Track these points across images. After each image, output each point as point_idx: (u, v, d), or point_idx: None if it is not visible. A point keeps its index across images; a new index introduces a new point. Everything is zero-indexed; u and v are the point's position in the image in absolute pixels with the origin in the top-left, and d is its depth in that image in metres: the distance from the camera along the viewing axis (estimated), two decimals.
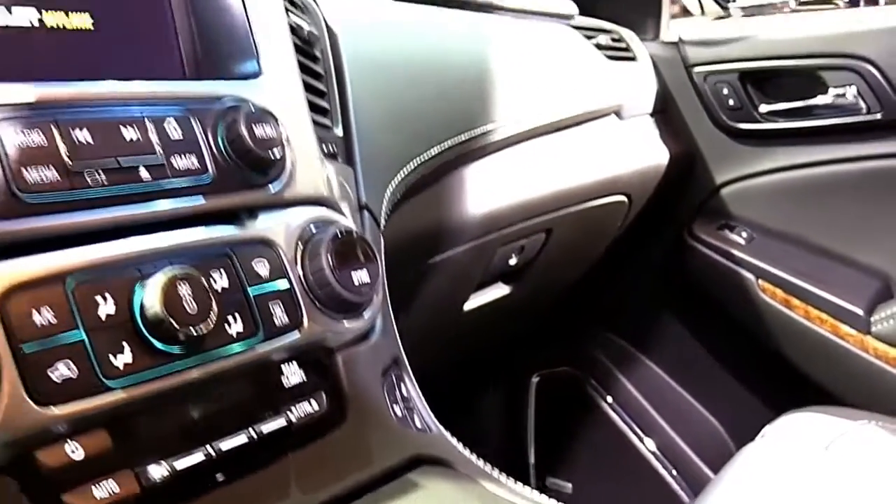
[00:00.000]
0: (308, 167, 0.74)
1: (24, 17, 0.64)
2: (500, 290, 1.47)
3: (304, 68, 0.84)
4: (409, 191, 1.02)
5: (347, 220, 0.76)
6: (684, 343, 1.89)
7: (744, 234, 1.67)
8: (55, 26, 0.66)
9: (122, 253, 0.59)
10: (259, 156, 0.67)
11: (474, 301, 1.41)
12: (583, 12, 1.67)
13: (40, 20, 0.65)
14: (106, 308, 0.57)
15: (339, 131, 0.89)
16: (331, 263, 0.70)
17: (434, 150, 1.05)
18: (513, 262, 1.40)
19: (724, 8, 1.89)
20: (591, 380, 1.98)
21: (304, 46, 0.87)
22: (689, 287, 1.79)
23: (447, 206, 1.14)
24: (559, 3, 1.58)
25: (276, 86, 0.73)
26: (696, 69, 1.69)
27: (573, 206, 1.43)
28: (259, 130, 0.68)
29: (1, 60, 0.61)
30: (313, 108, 0.84)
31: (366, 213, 0.87)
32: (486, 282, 1.42)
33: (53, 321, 0.54)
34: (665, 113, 1.72)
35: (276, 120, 0.69)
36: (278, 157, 0.69)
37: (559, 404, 1.95)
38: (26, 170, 0.55)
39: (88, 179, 0.59)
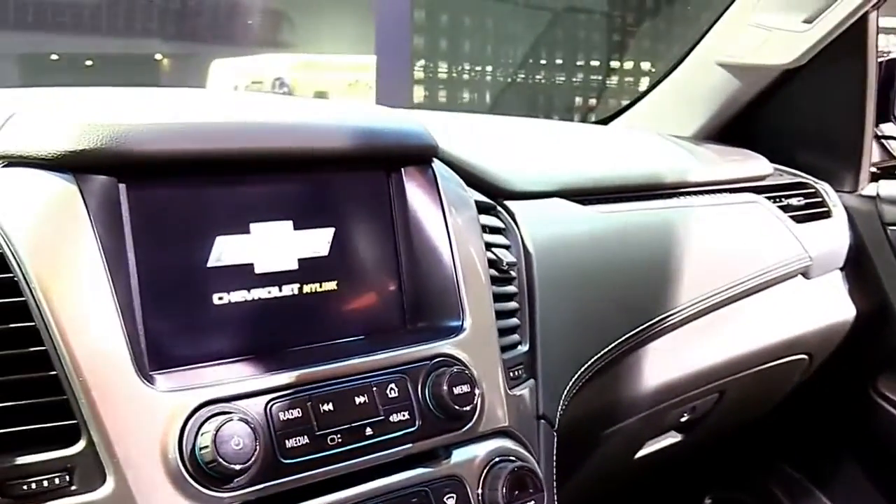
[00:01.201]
0: (495, 405, 0.94)
1: (289, 289, 0.87)
2: (671, 439, 1.60)
3: (498, 296, 1.03)
4: (586, 379, 1.19)
5: (523, 452, 0.94)
6: (863, 486, 1.92)
7: None
8: (309, 292, 0.89)
9: (350, 496, 0.81)
10: (457, 410, 0.87)
11: (645, 450, 1.54)
12: (780, 158, 1.78)
13: (300, 288, 0.88)
14: None
15: (525, 347, 1.08)
16: (504, 497, 0.88)
17: (612, 345, 1.21)
18: (684, 418, 1.53)
19: None
20: None
21: (502, 276, 1.07)
22: (873, 439, 1.83)
23: (622, 385, 1.30)
24: (753, 164, 1.70)
25: (475, 341, 0.93)
26: (893, 228, 1.73)
27: (750, 369, 1.54)
28: (458, 389, 0.88)
29: (268, 327, 0.85)
30: (504, 330, 1.03)
31: (542, 422, 1.05)
32: (656, 434, 1.55)
33: None
34: (856, 267, 1.76)
35: (473, 378, 0.89)
36: (472, 408, 0.88)
37: None
38: (287, 440, 0.78)
39: (329, 441, 0.81)
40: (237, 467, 0.73)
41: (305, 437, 0.79)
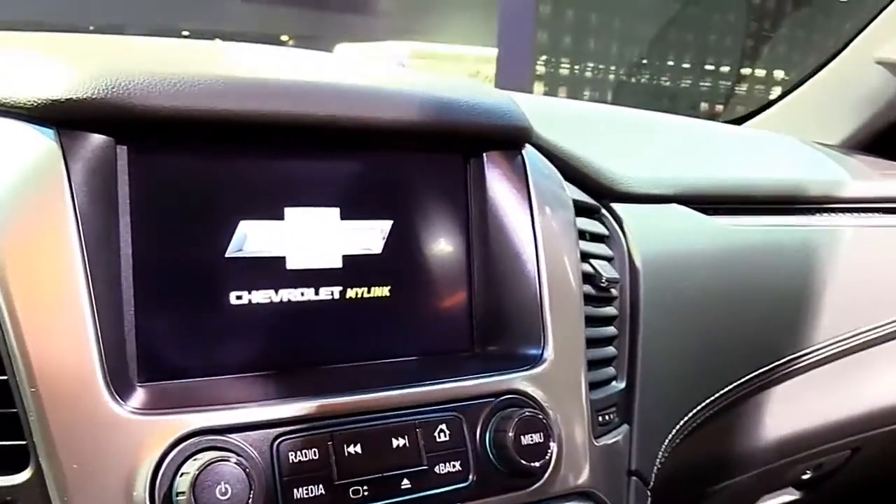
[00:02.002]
0: (576, 458, 0.74)
1: (328, 292, 0.69)
2: (788, 496, 1.36)
3: (593, 319, 0.82)
4: (693, 427, 0.97)
5: None
6: None
7: None
8: (353, 298, 0.70)
9: None
10: (524, 466, 0.67)
11: None
12: None
13: (342, 293, 0.70)
14: None
15: (621, 384, 0.87)
16: None
17: (726, 388, 0.99)
18: (806, 476, 1.29)
19: None
20: None
21: (600, 294, 0.86)
22: None
23: (736, 436, 1.07)
24: None
25: (557, 375, 0.73)
26: None
27: (891, 424, 1.28)
28: (528, 438, 0.68)
29: (294, 339, 0.66)
30: (596, 362, 0.82)
31: (634, 480, 0.84)
32: (771, 491, 1.31)
33: None
34: None
35: (549, 424, 0.69)
36: (544, 463, 0.68)
37: None
38: (296, 489, 0.59)
39: (351, 494, 0.62)
40: None
41: (321, 486, 0.61)
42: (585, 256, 0.84)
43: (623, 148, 1.10)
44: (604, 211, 0.95)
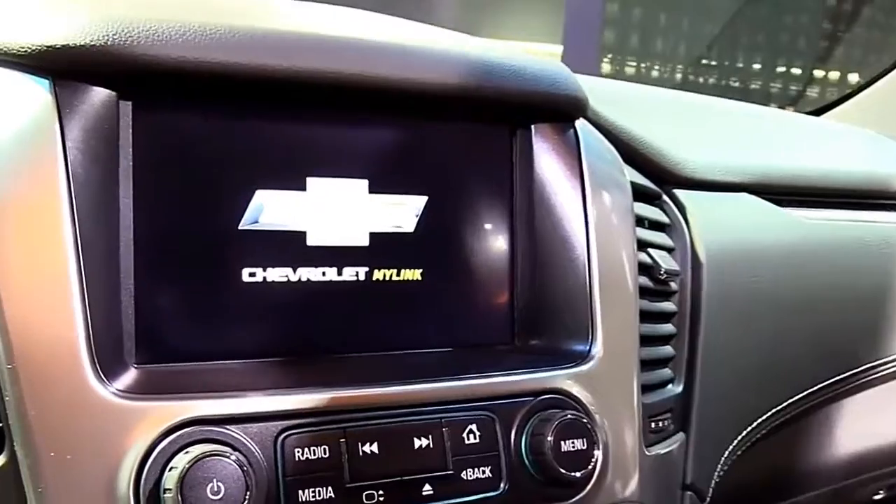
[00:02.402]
0: (624, 469, 0.65)
1: (352, 273, 0.62)
2: None
3: (649, 314, 0.74)
4: (756, 438, 0.87)
5: None
6: None
7: None
8: (380, 280, 0.63)
9: None
10: (563, 475, 0.59)
11: None
12: None
13: (368, 274, 0.63)
14: None
15: (678, 388, 0.78)
16: None
17: (795, 397, 0.89)
18: (879, 496, 1.17)
19: None
20: None
21: (658, 287, 0.77)
22: None
23: (803, 449, 0.97)
24: None
25: (605, 374, 0.65)
26: None
27: None
28: (569, 444, 0.59)
29: (311, 322, 0.59)
30: (651, 362, 0.74)
31: (688, 494, 0.75)
32: None
33: None
34: None
35: (594, 429, 0.61)
36: (586, 473, 0.60)
37: None
38: (301, 490, 0.52)
39: (364, 499, 0.54)
40: None
41: (329, 489, 0.53)
42: (643, 245, 0.76)
43: (688, 132, 1.00)
44: (665, 197, 0.86)
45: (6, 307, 0.49)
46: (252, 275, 0.59)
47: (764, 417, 0.86)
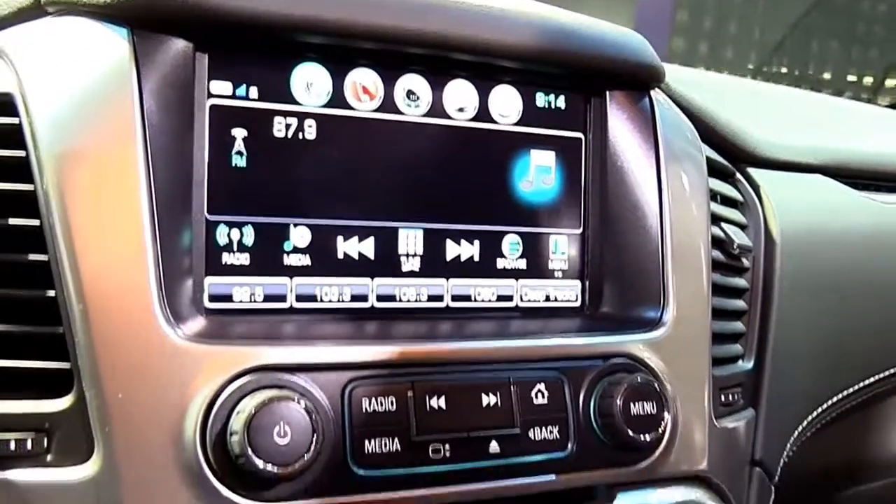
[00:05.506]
0: (691, 438, 0.61)
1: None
2: None
3: (721, 288, 0.69)
4: (827, 420, 0.82)
5: None
6: None
7: None
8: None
9: None
10: (632, 438, 0.55)
11: None
12: None
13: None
14: None
15: (748, 364, 0.73)
16: None
17: (867, 381, 0.83)
18: None
19: None
20: None
21: (731, 262, 0.72)
22: None
23: (876, 434, 0.91)
24: None
25: (676, 342, 0.61)
26: None
27: None
28: (637, 408, 0.55)
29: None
30: (722, 336, 0.69)
31: (757, 470, 0.70)
32: None
33: None
34: None
35: (665, 394, 0.57)
36: (655, 437, 0.56)
37: None
38: (368, 441, 0.49)
39: (431, 453, 0.51)
40: (275, 470, 0.45)
41: (396, 441, 0.50)
42: (716, 219, 0.71)
43: (763, 115, 0.95)
44: (739, 176, 0.81)
45: (78, 248, 0.47)
46: (323, 224, 0.56)
47: (834, 400, 0.80)
